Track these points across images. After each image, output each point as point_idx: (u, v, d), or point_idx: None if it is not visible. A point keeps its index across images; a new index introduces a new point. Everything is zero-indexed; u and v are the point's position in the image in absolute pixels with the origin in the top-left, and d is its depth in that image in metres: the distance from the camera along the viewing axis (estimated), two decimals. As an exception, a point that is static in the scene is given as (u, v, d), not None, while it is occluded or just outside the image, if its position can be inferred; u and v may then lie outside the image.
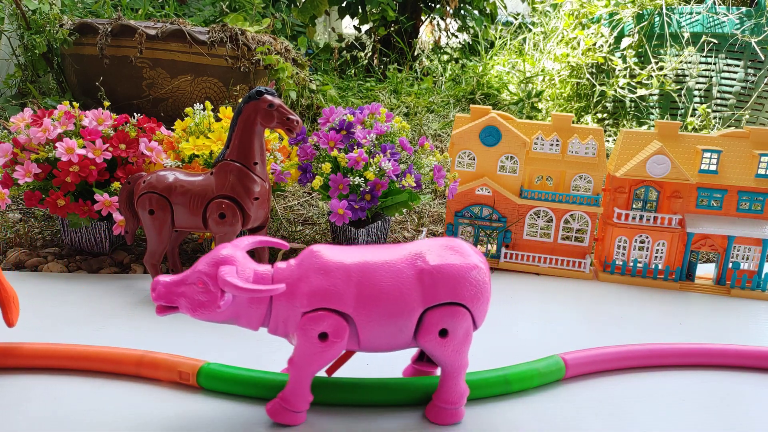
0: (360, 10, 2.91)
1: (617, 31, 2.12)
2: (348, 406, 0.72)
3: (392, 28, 2.91)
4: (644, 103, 2.13)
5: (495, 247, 1.25)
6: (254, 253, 1.03)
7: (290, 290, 0.64)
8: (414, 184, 1.12)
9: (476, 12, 3.08)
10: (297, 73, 1.89)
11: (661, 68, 2.07)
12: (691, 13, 2.04)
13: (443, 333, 0.64)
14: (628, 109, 2.15)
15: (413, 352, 0.78)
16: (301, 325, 0.63)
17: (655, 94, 2.12)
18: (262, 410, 0.70)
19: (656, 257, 1.20)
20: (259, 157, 0.96)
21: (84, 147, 1.07)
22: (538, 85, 2.32)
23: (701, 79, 2.08)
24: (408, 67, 2.73)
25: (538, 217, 1.24)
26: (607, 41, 2.13)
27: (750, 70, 2.04)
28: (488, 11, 3.08)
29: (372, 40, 2.94)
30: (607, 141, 2.06)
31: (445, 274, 0.64)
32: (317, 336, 0.63)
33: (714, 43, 2.02)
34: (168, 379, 0.74)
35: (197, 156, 1.11)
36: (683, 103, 2.09)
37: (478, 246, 1.26)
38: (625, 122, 2.13)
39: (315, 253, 0.65)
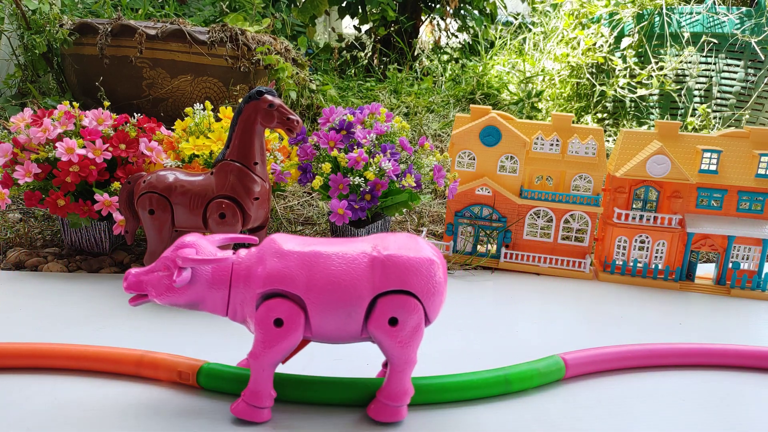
0: (360, 10, 2.91)
1: (617, 31, 2.12)
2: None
3: (392, 28, 2.91)
4: (644, 103, 2.13)
5: (495, 247, 1.25)
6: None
7: (247, 273, 0.66)
8: (414, 184, 1.12)
9: (476, 12, 3.08)
10: (297, 73, 1.89)
11: (661, 68, 2.07)
12: (691, 13, 2.04)
13: (393, 322, 0.64)
14: (628, 109, 2.15)
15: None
16: (258, 314, 0.64)
17: (655, 94, 2.12)
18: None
19: (656, 257, 1.20)
20: (259, 157, 0.96)
21: (84, 147, 1.07)
22: (538, 85, 2.32)
23: (701, 79, 2.08)
24: (408, 67, 2.73)
25: (538, 217, 1.24)
26: (607, 41, 2.13)
27: (750, 70, 2.04)
28: (488, 11, 3.08)
29: (372, 40, 2.94)
30: (607, 141, 2.06)
31: (397, 263, 0.64)
32: (273, 322, 0.64)
33: (714, 43, 2.02)
34: (168, 379, 0.74)
35: (197, 156, 1.11)
36: (683, 103, 2.09)
37: (479, 246, 1.26)
38: (625, 122, 2.13)
39: (274, 240, 0.67)
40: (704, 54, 2.05)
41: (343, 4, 2.93)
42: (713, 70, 2.07)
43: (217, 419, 0.68)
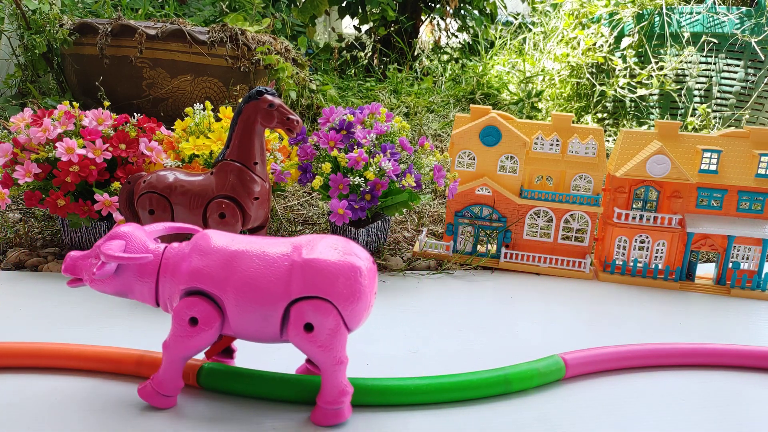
0: (360, 10, 2.91)
1: (617, 31, 2.12)
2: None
3: (392, 28, 2.91)
4: (644, 103, 2.13)
5: (495, 247, 1.25)
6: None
7: (174, 268, 0.66)
8: (414, 184, 1.12)
9: (476, 12, 3.08)
10: (297, 73, 1.89)
11: (661, 68, 2.07)
12: (691, 13, 2.04)
13: (308, 328, 0.63)
14: (628, 109, 2.15)
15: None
16: (176, 309, 0.65)
17: (655, 94, 2.12)
18: (262, 410, 0.70)
19: (656, 257, 1.20)
20: (259, 157, 0.96)
21: (84, 147, 1.07)
22: (538, 85, 2.32)
23: (701, 79, 2.08)
24: (408, 67, 2.73)
25: (538, 217, 1.24)
26: (607, 41, 2.13)
27: (750, 70, 2.04)
28: (488, 11, 3.08)
29: (372, 40, 2.94)
30: (607, 141, 2.06)
31: (314, 268, 0.63)
32: (188, 321, 0.64)
33: (714, 43, 2.02)
34: (168, 379, 0.74)
35: (197, 156, 1.11)
36: (683, 103, 2.09)
37: (479, 246, 1.26)
38: (625, 122, 2.13)
39: (204, 236, 0.68)
40: (704, 54, 2.05)
41: (343, 4, 2.93)
42: (713, 70, 2.07)
43: (217, 419, 0.68)
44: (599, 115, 2.17)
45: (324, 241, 0.66)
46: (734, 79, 2.06)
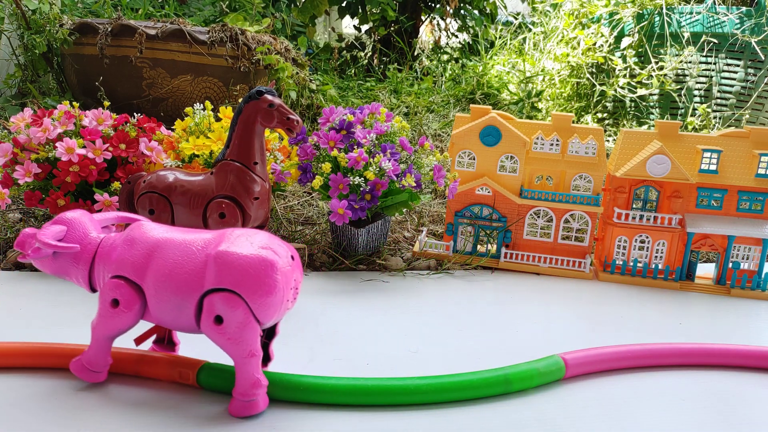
0: (360, 10, 2.91)
1: (617, 30, 2.12)
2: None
3: (392, 28, 2.91)
4: (644, 103, 2.13)
5: (495, 247, 1.25)
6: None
7: (106, 256, 0.70)
8: (414, 184, 1.12)
9: (476, 12, 3.09)
10: (297, 73, 1.89)
11: (661, 68, 2.07)
12: (691, 13, 2.04)
13: (218, 320, 0.65)
14: (628, 109, 2.15)
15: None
16: (102, 290, 0.69)
17: (655, 94, 2.12)
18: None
19: (656, 257, 1.20)
20: (259, 156, 0.96)
21: (84, 147, 1.07)
22: (538, 84, 2.32)
23: (701, 79, 2.08)
24: (408, 67, 2.73)
25: (538, 216, 1.24)
26: (607, 41, 2.13)
27: (750, 70, 2.04)
28: (488, 11, 3.08)
29: (372, 40, 2.94)
30: (607, 141, 2.06)
31: (226, 261, 0.65)
32: (110, 301, 0.68)
33: (714, 42, 2.02)
34: (168, 378, 0.74)
35: (197, 156, 1.11)
36: (683, 103, 2.09)
37: (479, 246, 1.26)
38: (625, 122, 2.13)
39: (136, 226, 0.71)
40: (704, 54, 2.05)
41: (343, 4, 2.93)
42: (713, 70, 2.07)
43: (217, 419, 0.68)
44: (599, 115, 2.17)
45: (244, 235, 0.68)
46: (734, 79, 2.06)
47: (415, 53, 2.93)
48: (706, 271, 1.26)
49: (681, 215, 1.17)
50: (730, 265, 1.17)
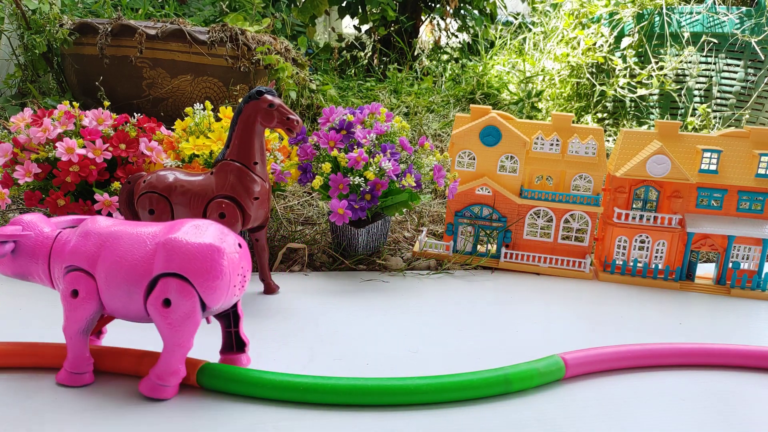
0: (360, 10, 2.91)
1: (617, 30, 2.12)
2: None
3: (392, 28, 2.91)
4: (644, 103, 2.13)
5: (495, 247, 1.25)
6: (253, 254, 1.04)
7: (60, 250, 0.72)
8: (414, 184, 1.12)
9: (476, 12, 3.09)
10: (297, 73, 1.89)
11: (661, 68, 2.07)
12: (691, 13, 2.04)
13: (166, 303, 0.67)
14: (628, 109, 2.15)
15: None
16: (62, 288, 0.71)
17: (655, 94, 2.12)
18: (262, 410, 0.70)
19: (656, 257, 1.20)
20: (259, 156, 0.96)
21: (84, 147, 1.07)
22: (538, 84, 2.32)
23: (701, 79, 2.08)
24: (408, 67, 2.73)
25: (538, 216, 1.24)
26: (607, 41, 2.13)
27: (750, 70, 2.04)
28: (488, 11, 3.08)
29: (372, 40, 2.94)
30: (607, 141, 2.06)
31: (175, 246, 0.68)
32: (70, 293, 0.70)
33: (714, 42, 2.02)
34: (168, 378, 0.74)
35: (197, 156, 1.11)
36: (683, 102, 2.09)
37: (479, 246, 1.26)
38: (625, 122, 2.13)
39: (91, 220, 0.73)
40: (704, 54, 2.05)
41: (343, 4, 2.93)
42: (713, 70, 2.07)
43: (217, 419, 0.68)
44: (599, 115, 2.17)
45: (194, 225, 0.71)
46: (734, 79, 2.06)
47: (415, 53, 2.93)
48: (706, 271, 1.26)
49: (681, 215, 1.17)
50: (730, 265, 1.17)
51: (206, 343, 0.85)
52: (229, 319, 0.77)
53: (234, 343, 0.78)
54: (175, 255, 0.67)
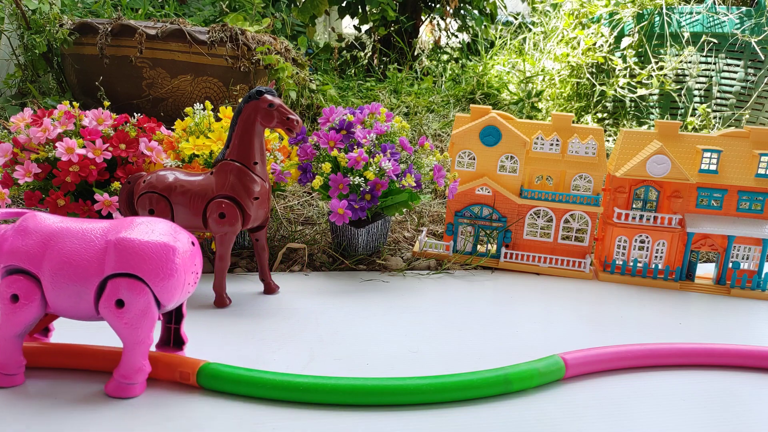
0: (360, 10, 2.91)
1: (617, 30, 2.12)
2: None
3: (392, 28, 2.91)
4: (644, 103, 2.13)
5: (495, 247, 1.25)
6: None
7: None
8: (414, 184, 1.12)
9: (476, 12, 3.08)
10: (297, 73, 1.89)
11: (661, 68, 2.07)
12: (691, 13, 2.04)
13: (119, 304, 0.67)
14: (628, 109, 2.15)
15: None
16: (1, 289, 0.69)
17: (655, 94, 2.12)
18: (262, 410, 0.70)
19: (656, 257, 1.20)
20: (259, 156, 0.96)
21: (84, 147, 1.07)
22: (538, 84, 2.32)
23: (701, 79, 2.08)
24: (408, 67, 2.73)
25: (538, 216, 1.24)
26: (607, 41, 2.13)
27: (750, 70, 2.04)
28: (488, 11, 3.08)
29: (372, 40, 2.94)
30: (607, 141, 2.06)
31: (127, 246, 0.67)
32: (9, 298, 0.68)
33: (714, 42, 2.02)
34: (168, 378, 0.74)
35: (197, 156, 1.11)
36: (683, 102, 2.09)
37: (479, 246, 1.26)
38: (625, 122, 2.13)
39: (29, 217, 0.71)
40: (704, 54, 2.05)
41: (343, 4, 2.93)
42: (713, 70, 2.07)
43: (217, 419, 0.68)
44: (599, 115, 2.17)
45: (144, 222, 0.70)
46: (734, 79, 2.06)
47: (415, 53, 2.93)
48: (706, 271, 1.26)
49: (681, 215, 1.17)
50: (730, 265, 1.17)
51: (206, 343, 0.85)
52: (172, 316, 0.77)
53: (172, 340, 0.78)
54: (127, 255, 0.66)
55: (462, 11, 3.05)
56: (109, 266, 0.67)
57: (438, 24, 3.18)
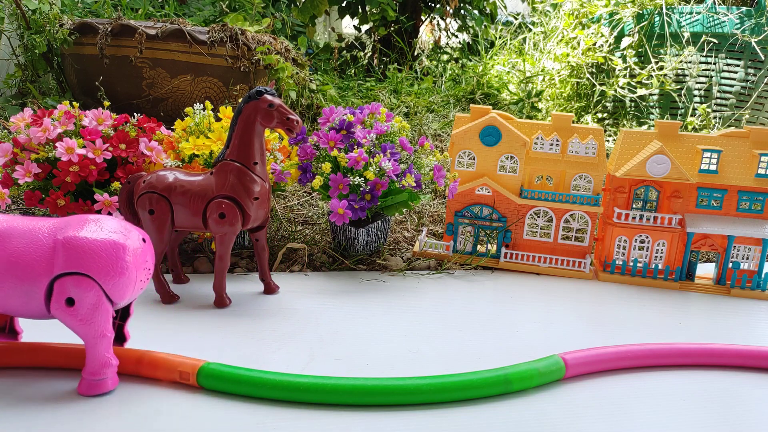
0: (360, 10, 2.91)
1: (617, 30, 2.12)
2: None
3: (392, 28, 2.91)
4: (644, 103, 2.13)
5: (495, 246, 1.25)
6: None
7: None
8: (414, 184, 1.12)
9: (476, 12, 3.09)
10: (297, 73, 1.89)
11: (661, 68, 2.07)
12: (691, 13, 2.04)
13: (70, 302, 0.66)
14: (628, 109, 2.15)
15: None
16: None
17: (655, 94, 2.12)
18: (262, 410, 0.70)
19: (656, 257, 1.20)
20: (259, 157, 0.96)
21: (84, 147, 1.07)
22: (538, 84, 2.32)
23: (701, 79, 2.08)
24: (408, 67, 2.73)
25: (538, 216, 1.24)
26: (607, 41, 2.13)
27: (750, 70, 2.04)
28: (488, 11, 3.08)
29: (372, 40, 2.94)
30: (607, 141, 2.06)
31: (74, 245, 0.67)
32: None
33: (714, 42, 2.02)
34: (168, 378, 0.74)
35: (197, 156, 1.11)
36: (683, 102, 2.09)
37: (479, 246, 1.26)
38: (625, 122, 2.13)
39: None
40: (704, 54, 2.05)
41: (343, 4, 2.93)
42: (713, 70, 2.07)
43: (217, 419, 0.68)
44: (599, 115, 2.17)
45: (93, 220, 0.70)
46: (734, 79, 2.06)
47: (415, 53, 2.93)
48: (706, 271, 1.26)
49: (681, 215, 1.17)
50: (730, 265, 1.17)
51: (206, 343, 0.85)
52: (118, 313, 0.77)
53: (120, 336, 0.78)
54: (77, 254, 0.66)
55: (462, 11, 3.05)
56: (59, 266, 0.66)
57: (438, 24, 3.18)
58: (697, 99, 2.09)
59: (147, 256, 0.71)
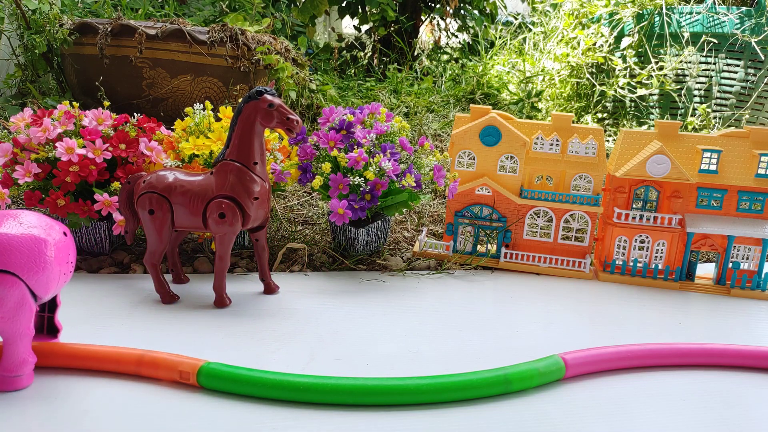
0: (360, 10, 2.91)
1: (617, 31, 2.12)
2: None
3: (392, 28, 2.91)
4: (644, 103, 2.13)
5: (495, 247, 1.25)
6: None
7: None
8: (414, 184, 1.12)
9: (476, 12, 3.09)
10: (297, 73, 1.89)
11: (661, 68, 2.07)
12: (691, 13, 2.04)
13: None
14: (628, 109, 2.15)
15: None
16: None
17: (655, 94, 2.12)
18: (262, 410, 0.70)
19: (656, 257, 1.20)
20: (259, 157, 0.96)
21: (84, 147, 1.07)
22: (538, 84, 2.32)
23: (701, 79, 2.08)
24: (408, 67, 2.73)
25: (538, 216, 1.24)
26: (607, 41, 2.13)
27: (750, 70, 2.04)
28: (488, 11, 3.08)
29: (372, 40, 2.94)
30: (607, 141, 2.06)
31: None
32: None
33: (714, 42, 2.02)
34: (168, 378, 0.74)
35: (197, 156, 1.11)
36: (683, 103, 2.09)
37: (479, 246, 1.26)
38: (625, 122, 2.13)
39: None
40: (704, 54, 2.05)
41: (343, 4, 2.93)
42: (713, 70, 2.07)
43: (217, 419, 0.68)
44: (599, 115, 2.17)
45: (12, 216, 0.69)
46: (734, 79, 2.06)
47: (415, 53, 2.93)
48: (706, 271, 1.26)
49: (681, 215, 1.17)
50: (730, 265, 1.17)
51: (206, 343, 0.85)
52: (45, 305, 0.78)
53: (45, 327, 0.79)
54: None
55: (462, 11, 3.05)
56: None
57: (438, 24, 3.18)
58: (697, 99, 2.09)
59: (69, 250, 0.72)
